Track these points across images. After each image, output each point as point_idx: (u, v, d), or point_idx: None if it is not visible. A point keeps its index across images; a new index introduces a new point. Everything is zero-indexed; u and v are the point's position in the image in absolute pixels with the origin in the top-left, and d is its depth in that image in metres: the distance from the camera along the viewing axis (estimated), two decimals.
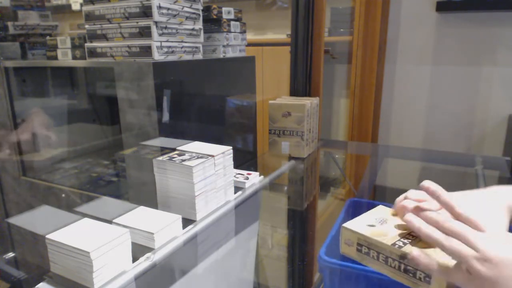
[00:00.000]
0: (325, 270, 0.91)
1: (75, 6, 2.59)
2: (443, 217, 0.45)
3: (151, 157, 0.74)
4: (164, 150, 0.77)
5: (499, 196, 0.51)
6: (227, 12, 1.18)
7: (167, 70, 0.93)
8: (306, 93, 1.43)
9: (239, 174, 0.90)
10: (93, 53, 1.03)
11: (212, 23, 1.16)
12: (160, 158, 0.72)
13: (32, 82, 1.34)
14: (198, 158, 0.72)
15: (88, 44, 1.03)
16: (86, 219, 0.58)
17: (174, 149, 0.77)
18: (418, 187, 0.51)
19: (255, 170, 0.93)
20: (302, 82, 1.41)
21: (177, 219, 0.66)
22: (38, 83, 1.37)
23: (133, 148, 0.92)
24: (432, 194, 0.48)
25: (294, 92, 1.43)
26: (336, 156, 1.75)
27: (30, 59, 1.41)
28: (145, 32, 0.92)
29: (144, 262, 0.58)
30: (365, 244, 0.50)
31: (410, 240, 0.48)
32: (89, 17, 1.00)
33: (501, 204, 0.49)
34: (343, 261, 0.91)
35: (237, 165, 0.83)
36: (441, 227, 0.44)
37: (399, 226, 0.52)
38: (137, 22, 0.93)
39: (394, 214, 0.56)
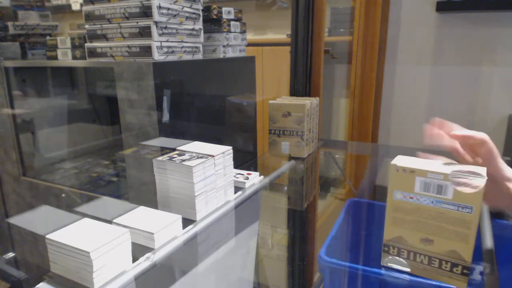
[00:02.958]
0: (325, 270, 0.91)
1: (75, 6, 2.59)
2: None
3: (151, 157, 0.74)
4: (164, 150, 0.77)
5: None
6: (227, 12, 1.18)
7: (167, 70, 0.93)
8: (306, 93, 1.43)
9: (239, 174, 0.90)
10: (93, 53, 1.03)
11: (212, 23, 1.16)
12: (160, 158, 0.72)
13: (32, 82, 1.34)
14: (198, 158, 0.72)
15: (88, 44, 1.03)
16: (86, 219, 0.58)
17: (174, 149, 0.77)
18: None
19: (255, 170, 0.93)
20: (302, 82, 1.41)
21: (177, 219, 0.66)
22: (38, 83, 1.37)
23: (133, 148, 0.92)
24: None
25: (294, 92, 1.43)
26: (336, 156, 1.75)
27: (30, 59, 1.41)
28: (145, 32, 0.92)
29: (144, 262, 0.58)
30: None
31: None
32: (89, 17, 1.01)
33: None
34: (343, 261, 0.91)
35: (237, 165, 0.83)
36: None
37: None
38: (137, 22, 0.93)
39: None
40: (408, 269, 0.56)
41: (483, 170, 0.48)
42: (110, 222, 0.62)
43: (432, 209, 0.52)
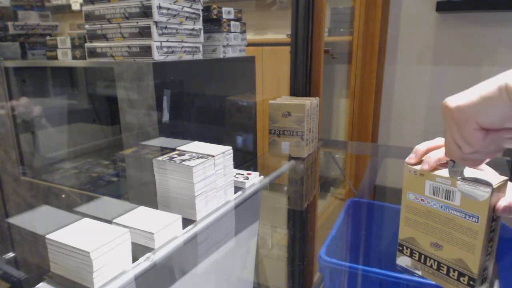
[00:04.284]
0: (325, 270, 0.91)
1: (75, 6, 2.59)
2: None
3: (151, 157, 0.74)
4: (164, 150, 0.77)
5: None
6: (227, 12, 1.18)
7: (167, 70, 0.93)
8: (306, 93, 1.43)
9: (239, 174, 0.90)
10: (93, 53, 1.03)
11: (212, 23, 1.16)
12: (160, 158, 0.72)
13: (32, 82, 1.34)
14: (198, 158, 0.72)
15: (88, 44, 1.03)
16: (86, 219, 0.58)
17: (174, 149, 0.77)
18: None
19: (255, 170, 0.93)
20: (302, 82, 1.41)
21: (177, 219, 0.66)
22: (38, 83, 1.37)
23: (133, 148, 0.92)
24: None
25: (294, 92, 1.43)
26: (336, 156, 1.75)
27: (30, 59, 1.41)
28: (145, 32, 0.92)
29: (144, 262, 0.58)
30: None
31: None
32: (89, 17, 1.01)
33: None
34: (343, 261, 0.91)
35: (237, 165, 0.83)
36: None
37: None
38: (137, 22, 0.93)
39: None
40: (419, 272, 0.56)
41: (497, 180, 0.47)
42: (110, 222, 0.62)
43: (442, 214, 0.51)
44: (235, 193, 0.83)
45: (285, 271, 1.22)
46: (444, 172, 0.51)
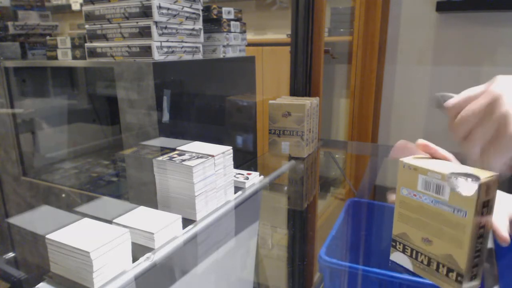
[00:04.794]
0: (325, 270, 0.91)
1: (75, 6, 2.59)
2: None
3: (151, 157, 0.74)
4: (164, 150, 0.77)
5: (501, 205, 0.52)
6: (227, 12, 1.18)
7: (167, 70, 0.93)
8: (306, 93, 1.43)
9: (239, 174, 0.90)
10: (93, 53, 1.03)
11: (212, 23, 1.16)
12: (160, 158, 0.72)
13: (32, 82, 1.34)
14: (198, 158, 0.72)
15: (88, 44, 1.03)
16: (86, 219, 0.58)
17: (174, 149, 0.77)
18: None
19: (255, 170, 0.93)
20: (302, 82, 1.41)
21: (177, 219, 0.66)
22: (38, 83, 1.37)
23: (133, 148, 0.92)
24: (428, 150, 0.55)
25: (294, 92, 1.43)
26: (336, 156, 1.75)
27: (30, 59, 1.41)
28: (145, 32, 0.92)
29: (144, 262, 0.58)
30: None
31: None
32: (89, 17, 1.01)
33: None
34: (343, 261, 0.91)
35: (237, 165, 0.83)
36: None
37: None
38: (137, 22, 0.93)
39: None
40: (410, 267, 0.56)
41: (486, 174, 0.47)
42: (110, 222, 0.62)
43: (432, 209, 0.51)
44: (235, 193, 0.83)
45: (285, 271, 1.22)
46: (435, 166, 0.51)
